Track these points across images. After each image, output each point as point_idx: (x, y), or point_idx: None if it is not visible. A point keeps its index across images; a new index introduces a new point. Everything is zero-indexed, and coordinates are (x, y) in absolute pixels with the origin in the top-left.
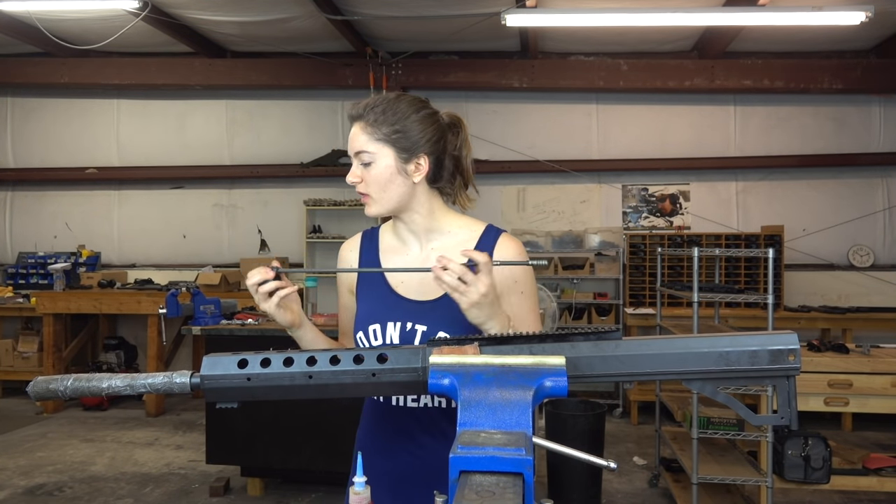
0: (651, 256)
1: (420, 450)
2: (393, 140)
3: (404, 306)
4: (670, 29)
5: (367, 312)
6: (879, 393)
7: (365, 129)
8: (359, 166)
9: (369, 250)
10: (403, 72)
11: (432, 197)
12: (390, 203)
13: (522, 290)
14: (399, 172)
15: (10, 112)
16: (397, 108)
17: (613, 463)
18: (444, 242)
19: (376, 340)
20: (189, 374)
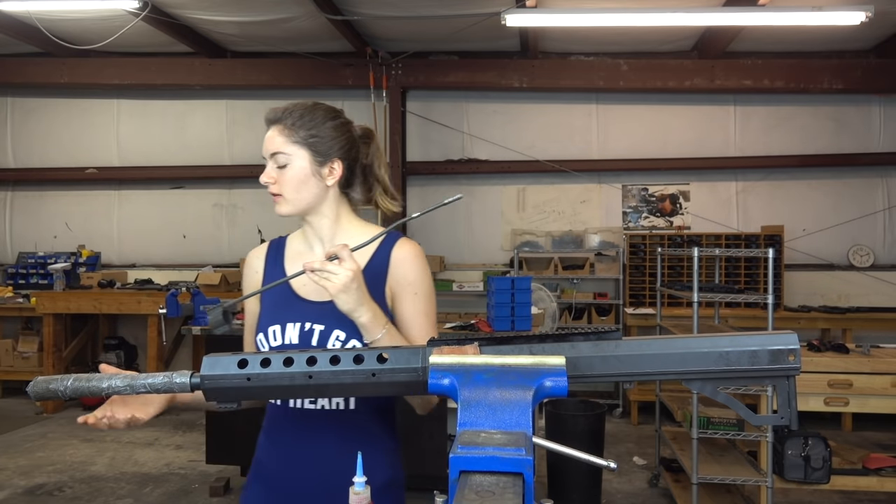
0: (651, 256)
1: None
2: (309, 143)
3: (303, 307)
4: (670, 29)
5: (269, 315)
6: (879, 393)
7: (282, 132)
8: (273, 167)
9: (275, 257)
10: (403, 72)
11: (341, 203)
12: (302, 203)
13: (416, 291)
14: (313, 175)
15: (10, 112)
16: (314, 114)
17: (613, 463)
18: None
19: (275, 341)
20: (189, 374)
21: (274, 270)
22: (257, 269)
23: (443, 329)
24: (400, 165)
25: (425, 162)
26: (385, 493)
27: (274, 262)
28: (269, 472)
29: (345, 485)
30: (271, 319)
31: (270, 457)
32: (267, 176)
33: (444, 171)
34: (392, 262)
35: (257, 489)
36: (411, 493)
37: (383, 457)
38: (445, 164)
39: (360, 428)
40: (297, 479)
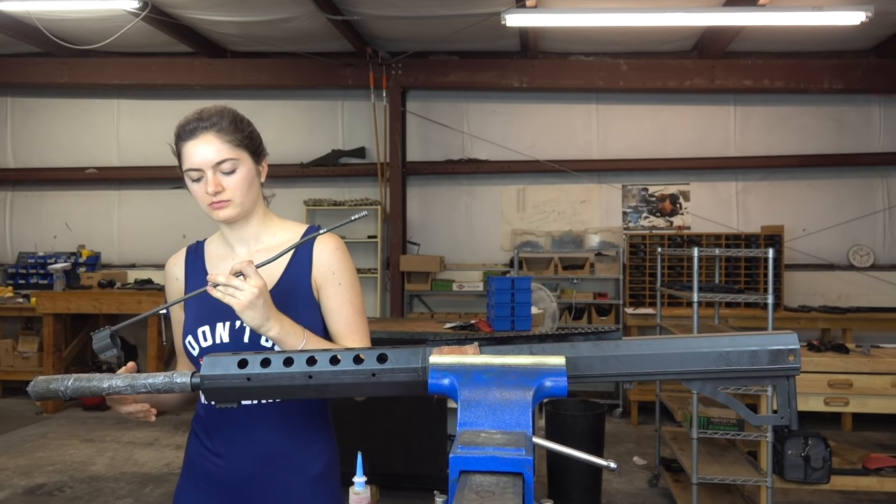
0: (651, 256)
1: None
2: (246, 145)
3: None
4: (670, 29)
5: (195, 317)
6: (879, 393)
7: (221, 137)
8: (217, 175)
9: (195, 262)
10: (403, 72)
11: (263, 199)
12: (248, 205)
13: (340, 281)
14: (256, 175)
15: (10, 112)
16: (238, 115)
17: (613, 463)
18: (268, 243)
19: (206, 342)
20: (189, 374)
21: (195, 276)
22: (177, 277)
23: (443, 329)
24: (400, 165)
25: (425, 162)
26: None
27: (194, 268)
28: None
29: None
30: (199, 321)
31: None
32: (216, 185)
33: (444, 171)
34: (315, 256)
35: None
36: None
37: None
38: (445, 164)
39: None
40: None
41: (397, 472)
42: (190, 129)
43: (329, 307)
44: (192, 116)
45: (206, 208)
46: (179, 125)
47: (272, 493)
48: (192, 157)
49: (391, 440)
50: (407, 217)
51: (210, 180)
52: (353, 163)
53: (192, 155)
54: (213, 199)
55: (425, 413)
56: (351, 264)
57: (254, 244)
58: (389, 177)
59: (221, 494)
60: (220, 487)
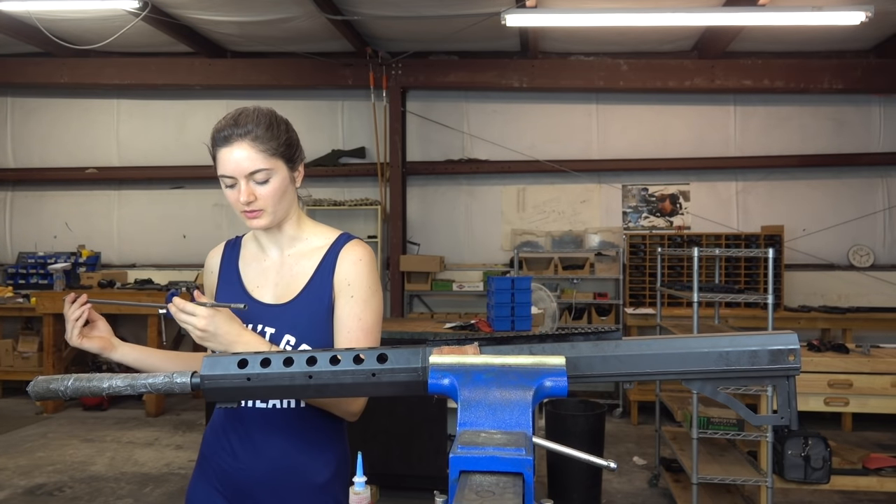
0: (651, 256)
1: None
2: (282, 153)
3: (257, 309)
4: (670, 29)
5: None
6: (879, 393)
7: (254, 146)
8: (250, 185)
9: (230, 258)
10: (403, 72)
11: (298, 203)
12: (282, 213)
13: (352, 293)
14: (291, 182)
15: (10, 112)
16: (275, 122)
17: (613, 463)
18: (300, 248)
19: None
20: (189, 374)
21: (228, 270)
22: (212, 270)
23: (443, 329)
24: (400, 165)
25: (425, 162)
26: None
27: (229, 262)
28: (215, 468)
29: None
30: None
31: (217, 452)
32: (248, 195)
33: (444, 171)
34: (337, 264)
35: (203, 485)
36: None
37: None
38: (445, 164)
39: (308, 425)
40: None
41: (397, 472)
42: (225, 135)
43: (337, 317)
44: (229, 121)
45: (239, 215)
46: (215, 129)
47: (278, 497)
48: (225, 165)
49: (391, 440)
50: (407, 217)
51: (243, 190)
52: (353, 163)
53: (225, 162)
54: (245, 208)
55: (425, 413)
56: (371, 278)
57: (287, 248)
58: (389, 177)
59: (231, 493)
60: (230, 486)
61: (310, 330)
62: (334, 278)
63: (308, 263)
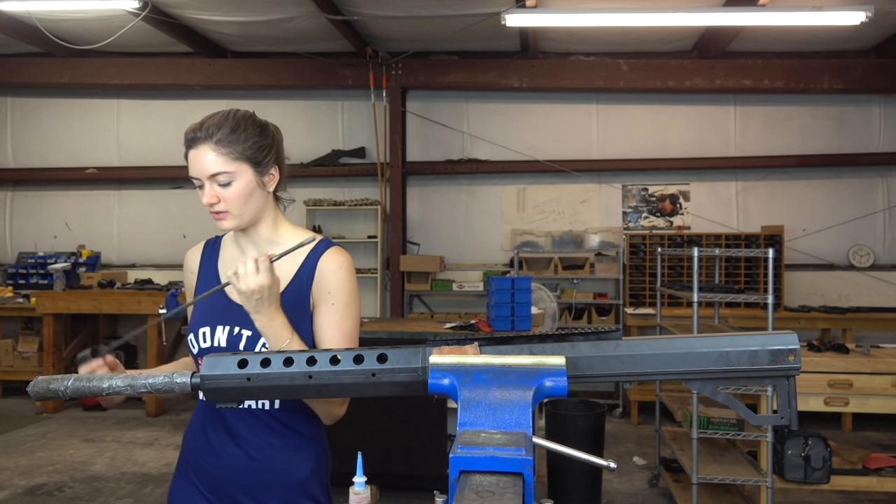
0: (651, 256)
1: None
2: (248, 157)
3: (234, 311)
4: (670, 29)
5: (200, 315)
6: (879, 393)
7: (217, 150)
8: (213, 187)
9: (209, 258)
10: (403, 72)
11: (275, 206)
12: (249, 215)
13: (333, 301)
14: (258, 186)
15: (10, 112)
16: (243, 125)
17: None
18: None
19: (205, 343)
20: (189, 374)
21: (208, 271)
22: (192, 270)
23: (443, 329)
24: (400, 165)
25: (425, 162)
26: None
27: (208, 262)
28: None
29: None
30: (202, 320)
31: (196, 450)
32: (210, 197)
33: (444, 171)
34: (317, 270)
35: (184, 482)
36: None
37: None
38: (445, 164)
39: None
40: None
41: (397, 472)
42: (190, 137)
43: (318, 325)
44: (196, 124)
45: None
46: (185, 131)
47: (257, 494)
48: (191, 167)
49: (391, 440)
50: (407, 217)
51: (206, 192)
52: (353, 163)
53: (191, 164)
54: (212, 210)
55: (425, 413)
56: (351, 285)
57: (264, 251)
58: (389, 177)
59: (210, 490)
60: (210, 484)
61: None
62: (313, 285)
63: (287, 268)
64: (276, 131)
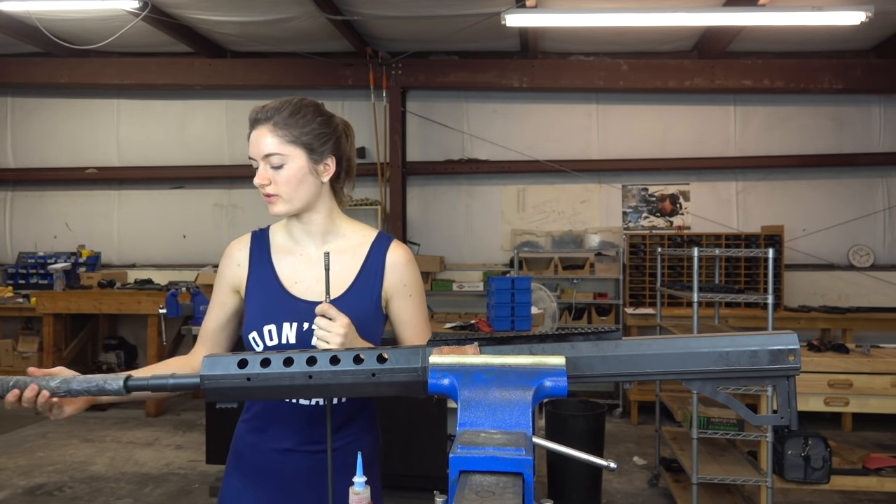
0: (651, 256)
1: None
2: (303, 142)
3: (300, 307)
4: (670, 29)
5: (262, 313)
6: (879, 393)
7: (274, 132)
8: (267, 168)
9: (260, 251)
10: (403, 72)
11: (332, 198)
12: (300, 203)
13: (411, 293)
14: (310, 173)
15: (10, 112)
16: (304, 111)
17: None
18: (338, 245)
19: (272, 341)
20: (123, 377)
21: (260, 263)
22: (240, 263)
23: (443, 329)
24: (400, 165)
25: (425, 162)
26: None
27: (259, 255)
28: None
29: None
30: (265, 318)
31: (254, 448)
32: (262, 178)
33: (444, 171)
34: (387, 267)
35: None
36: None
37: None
38: (445, 164)
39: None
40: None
41: (397, 472)
42: (252, 119)
43: (401, 318)
44: (259, 106)
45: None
46: (249, 114)
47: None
48: (250, 147)
49: (391, 440)
50: (407, 217)
51: (259, 172)
52: None
53: (250, 144)
54: (264, 192)
55: (425, 413)
56: (419, 276)
57: (322, 243)
58: (389, 177)
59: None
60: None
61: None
62: (385, 281)
63: (351, 261)
64: (343, 126)
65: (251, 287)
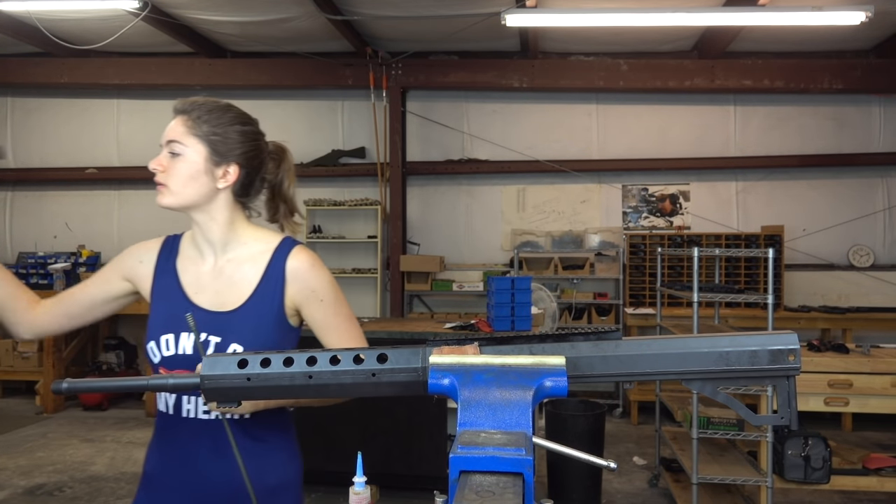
0: (651, 256)
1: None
2: (209, 140)
3: (200, 317)
4: (670, 29)
5: (161, 322)
6: (879, 393)
7: (185, 122)
8: (166, 155)
9: (168, 255)
10: (403, 72)
11: (234, 209)
12: (187, 199)
13: (322, 298)
14: (205, 173)
15: (10, 112)
16: (224, 113)
17: (613, 463)
18: (239, 253)
19: (168, 351)
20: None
21: (166, 268)
22: (143, 260)
23: (443, 329)
24: (400, 165)
25: (425, 162)
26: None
27: (165, 265)
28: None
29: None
30: (164, 327)
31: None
32: (156, 162)
33: (444, 171)
34: (288, 274)
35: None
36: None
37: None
38: (445, 164)
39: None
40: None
41: (397, 472)
42: (174, 108)
43: (319, 324)
44: (186, 98)
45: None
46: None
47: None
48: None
49: (391, 440)
50: (407, 217)
51: (157, 157)
52: (353, 163)
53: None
54: (155, 179)
55: (425, 413)
56: (329, 276)
57: (221, 253)
58: (389, 177)
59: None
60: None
61: (257, 339)
62: (287, 290)
63: (251, 270)
64: (260, 140)
65: (156, 295)
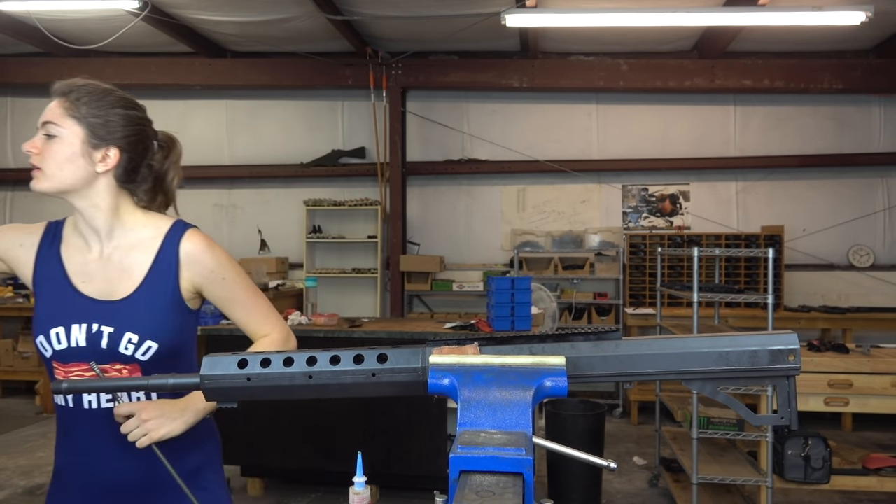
0: (651, 256)
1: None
2: (88, 122)
3: (89, 307)
4: (670, 29)
5: (49, 314)
6: (879, 393)
7: (63, 104)
8: (41, 137)
9: (50, 244)
10: (403, 72)
11: (119, 195)
12: (63, 183)
13: (223, 276)
14: (83, 156)
15: (10, 112)
16: (105, 97)
17: (613, 463)
18: (126, 240)
19: (60, 345)
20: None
21: (48, 258)
22: (23, 244)
23: (443, 329)
24: (400, 165)
25: (425, 162)
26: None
27: (49, 249)
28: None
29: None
30: (53, 320)
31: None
32: (31, 145)
33: (444, 171)
34: (182, 258)
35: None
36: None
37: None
38: (445, 164)
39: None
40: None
41: (397, 472)
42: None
43: (225, 302)
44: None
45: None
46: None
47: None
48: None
49: (391, 440)
50: (407, 217)
51: (32, 139)
52: (353, 163)
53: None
54: (30, 162)
55: (425, 413)
56: (225, 253)
57: (107, 241)
58: (389, 177)
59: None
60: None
61: (153, 326)
62: (183, 274)
63: (141, 256)
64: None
65: (39, 284)
